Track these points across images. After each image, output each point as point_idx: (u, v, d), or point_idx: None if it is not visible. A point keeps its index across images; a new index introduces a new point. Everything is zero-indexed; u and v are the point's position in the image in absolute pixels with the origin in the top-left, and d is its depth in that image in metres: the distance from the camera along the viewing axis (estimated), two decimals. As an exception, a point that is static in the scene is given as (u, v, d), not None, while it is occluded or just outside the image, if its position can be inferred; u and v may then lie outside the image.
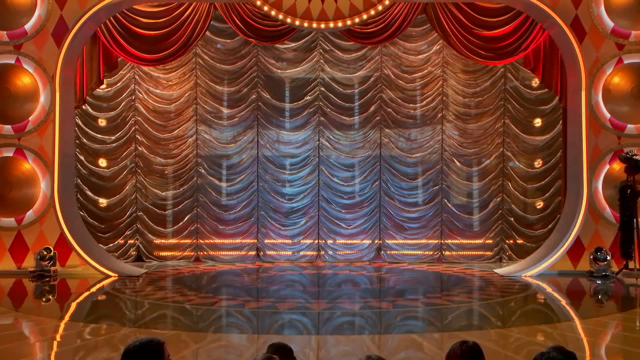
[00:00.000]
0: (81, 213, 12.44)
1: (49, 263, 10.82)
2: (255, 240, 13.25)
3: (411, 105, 13.17)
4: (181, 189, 13.12)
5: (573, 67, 11.23)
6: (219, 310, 8.64)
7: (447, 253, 13.15)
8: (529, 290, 10.30)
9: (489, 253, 13.19)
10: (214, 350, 6.70)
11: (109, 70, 11.96)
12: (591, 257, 11.02)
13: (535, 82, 12.67)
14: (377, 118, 13.17)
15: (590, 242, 11.24)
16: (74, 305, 9.21)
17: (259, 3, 11.07)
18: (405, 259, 13.08)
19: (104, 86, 12.55)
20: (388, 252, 13.09)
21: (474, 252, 13.14)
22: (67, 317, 8.36)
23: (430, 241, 13.12)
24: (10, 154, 11.19)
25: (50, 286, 10.44)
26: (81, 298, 9.77)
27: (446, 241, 13.13)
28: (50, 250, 10.93)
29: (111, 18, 11.38)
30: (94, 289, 10.25)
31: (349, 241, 13.28)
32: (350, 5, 11.01)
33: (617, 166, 11.20)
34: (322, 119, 13.17)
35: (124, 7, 11.30)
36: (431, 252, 13.14)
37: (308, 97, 13.19)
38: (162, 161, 13.08)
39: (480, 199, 13.20)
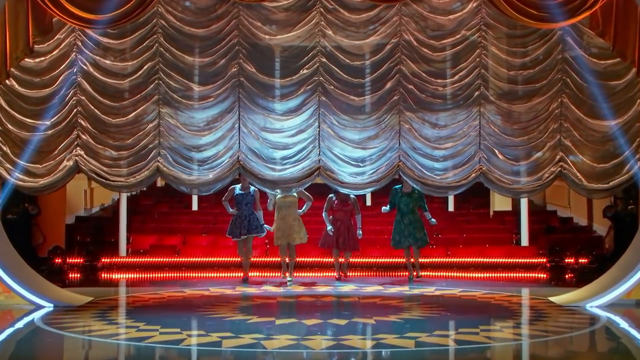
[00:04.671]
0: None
1: (-42, 290, 10.71)
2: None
3: (439, 81, 12.97)
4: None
5: (656, 29, 11.04)
6: (188, 350, 8.51)
7: (486, 275, 13.09)
8: (597, 325, 10.18)
9: (541, 275, 13.08)
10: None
11: (42, 34, 11.70)
12: (681, 282, 10.91)
13: (604, 49, 12.39)
14: (395, 98, 12.96)
15: (679, 262, 11.06)
16: (-8, 345, 9.05)
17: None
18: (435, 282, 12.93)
19: (35, 55, 12.22)
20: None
21: (522, 274, 13.07)
22: (-18, 362, 8.18)
23: (465, 259, 13.24)
24: None
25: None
26: (2, 336, 9.58)
27: (484, 259, 13.09)
28: (-39, 274, 10.81)
29: (42, -36, 11.15)
30: (19, 324, 10.11)
31: (359, 260, 13.27)
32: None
33: None
34: (324, 99, 12.98)
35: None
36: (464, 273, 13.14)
37: (305, 71, 12.98)
38: (114, 154, 12.86)
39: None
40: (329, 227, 13.82)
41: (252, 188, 13.58)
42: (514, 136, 12.94)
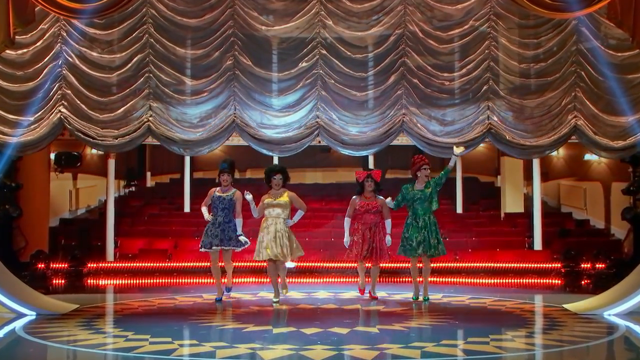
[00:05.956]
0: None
1: None
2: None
3: (446, 74, 13.04)
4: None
5: (678, 18, 10.97)
6: (178, 362, 8.48)
7: (497, 280, 13.09)
8: (615, 334, 10.07)
9: (556, 281, 13.09)
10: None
11: (24, 24, 11.58)
12: None
13: (623, 40, 12.35)
14: (399, 92, 13.02)
15: None
16: (-30, 356, 8.99)
17: None
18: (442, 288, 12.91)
19: (17, 46, 12.22)
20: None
21: (535, 280, 13.07)
22: (-41, 374, 8.16)
23: (474, 264, 13.22)
24: None
25: None
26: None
27: (495, 264, 13.10)
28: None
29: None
30: None
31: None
32: None
33: None
34: (324, 93, 13.04)
35: None
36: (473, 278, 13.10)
37: (304, 64, 13.06)
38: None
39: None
40: (346, 239, 11.96)
41: (232, 191, 11.97)
42: (526, 133, 12.95)
